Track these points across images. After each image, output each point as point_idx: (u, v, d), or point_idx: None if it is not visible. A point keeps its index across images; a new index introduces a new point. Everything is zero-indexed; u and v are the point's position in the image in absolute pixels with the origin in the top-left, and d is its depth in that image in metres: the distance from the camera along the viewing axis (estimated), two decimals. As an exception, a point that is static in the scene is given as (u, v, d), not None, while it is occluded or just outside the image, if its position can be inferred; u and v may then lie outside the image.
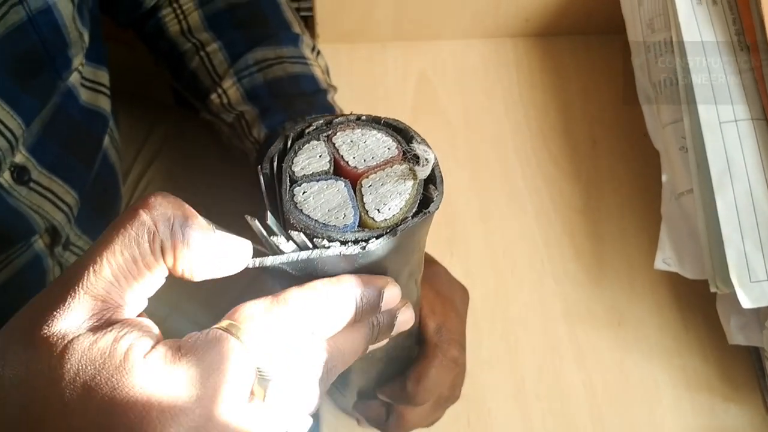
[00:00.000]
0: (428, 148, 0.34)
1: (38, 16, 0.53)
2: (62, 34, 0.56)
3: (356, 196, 0.34)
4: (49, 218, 0.61)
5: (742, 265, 0.59)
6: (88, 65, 0.64)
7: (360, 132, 0.36)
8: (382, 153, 0.35)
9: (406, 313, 0.38)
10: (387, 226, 0.33)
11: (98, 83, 0.67)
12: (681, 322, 0.70)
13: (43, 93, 0.58)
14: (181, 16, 0.68)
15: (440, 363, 0.54)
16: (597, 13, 0.83)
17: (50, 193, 0.61)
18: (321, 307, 0.33)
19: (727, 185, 0.60)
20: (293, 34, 0.69)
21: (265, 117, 0.65)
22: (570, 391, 0.67)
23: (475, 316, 0.69)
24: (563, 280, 0.72)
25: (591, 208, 0.76)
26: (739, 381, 0.68)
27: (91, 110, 0.66)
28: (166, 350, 0.29)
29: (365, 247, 0.33)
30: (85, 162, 0.66)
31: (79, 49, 0.59)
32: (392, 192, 0.34)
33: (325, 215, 0.33)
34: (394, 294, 0.35)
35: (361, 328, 0.36)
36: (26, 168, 0.59)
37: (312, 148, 0.35)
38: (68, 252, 0.66)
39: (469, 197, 0.76)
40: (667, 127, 0.66)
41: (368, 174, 0.35)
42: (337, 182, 0.34)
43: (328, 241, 0.33)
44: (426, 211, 0.34)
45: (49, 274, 0.66)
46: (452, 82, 0.84)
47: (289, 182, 0.34)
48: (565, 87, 0.84)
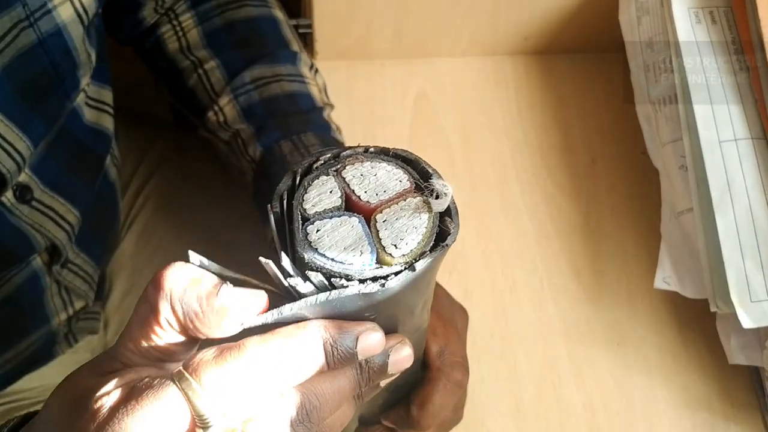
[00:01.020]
0: (445, 182, 0.34)
1: (49, 38, 0.53)
2: (72, 57, 0.56)
3: (371, 231, 0.33)
4: (51, 237, 0.61)
5: (742, 285, 0.59)
6: (93, 84, 0.64)
7: (369, 165, 0.35)
8: (393, 186, 0.34)
9: (401, 351, 0.37)
10: (405, 261, 0.33)
11: (102, 102, 0.67)
12: (681, 341, 0.70)
13: (51, 115, 0.57)
14: (180, 33, 0.68)
15: (444, 387, 0.53)
16: (596, 32, 0.83)
17: (52, 212, 0.61)
18: (280, 356, 0.32)
19: (728, 204, 0.60)
20: (291, 52, 0.69)
21: (261, 135, 0.64)
22: (569, 410, 0.66)
23: (473, 335, 0.68)
24: (562, 299, 0.72)
25: (590, 227, 0.76)
26: (740, 401, 0.67)
27: (94, 129, 0.65)
28: (118, 396, 0.31)
29: (384, 284, 0.32)
30: (87, 181, 0.66)
31: (87, 70, 0.59)
32: (408, 226, 0.33)
33: (341, 253, 0.32)
34: (373, 340, 0.34)
35: (344, 371, 0.35)
36: (29, 187, 0.58)
37: (322, 183, 0.34)
38: (66, 270, 0.66)
39: (468, 215, 0.76)
40: (667, 145, 0.66)
41: (381, 208, 0.34)
42: (351, 218, 0.33)
43: (346, 280, 0.32)
44: (444, 244, 0.33)
45: (47, 292, 0.65)
46: (451, 100, 0.84)
47: (301, 220, 0.33)
48: (564, 105, 0.84)
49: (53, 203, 0.61)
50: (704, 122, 0.62)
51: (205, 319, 0.32)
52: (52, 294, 0.66)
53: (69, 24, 0.54)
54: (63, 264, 0.65)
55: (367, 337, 0.34)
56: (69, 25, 0.54)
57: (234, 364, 0.31)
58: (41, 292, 0.64)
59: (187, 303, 0.32)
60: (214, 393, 0.31)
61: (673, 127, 0.66)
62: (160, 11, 0.69)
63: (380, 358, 0.36)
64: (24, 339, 0.65)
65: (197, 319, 0.32)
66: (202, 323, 0.32)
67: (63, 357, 0.71)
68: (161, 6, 0.68)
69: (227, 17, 0.68)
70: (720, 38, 0.65)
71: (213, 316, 0.32)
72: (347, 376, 0.35)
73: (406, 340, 0.37)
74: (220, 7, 0.68)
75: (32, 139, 0.55)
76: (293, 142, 0.63)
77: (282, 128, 0.64)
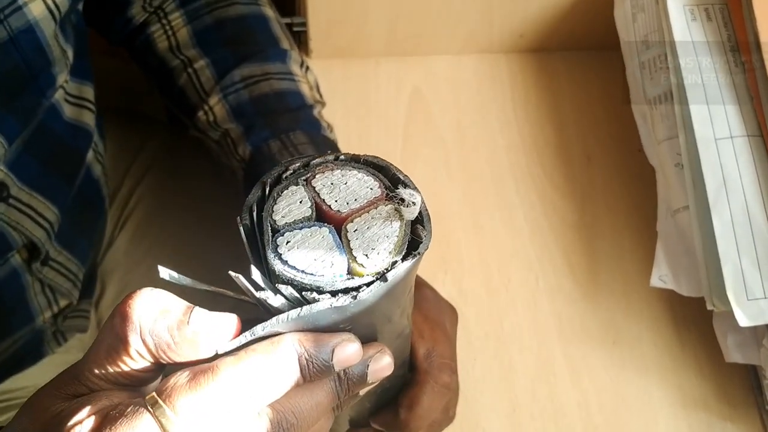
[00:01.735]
0: (414, 191, 0.33)
1: (20, 35, 0.52)
2: (45, 53, 0.56)
3: (342, 241, 0.33)
4: (28, 235, 0.61)
5: (738, 283, 0.58)
6: (72, 81, 0.63)
7: (340, 173, 0.34)
8: (364, 194, 0.34)
9: (381, 361, 0.36)
10: (377, 271, 0.32)
11: (83, 98, 0.66)
12: (677, 340, 0.69)
13: (26, 112, 0.57)
14: (170, 32, 0.68)
15: (431, 389, 0.53)
16: (591, 29, 0.83)
17: (30, 210, 0.60)
18: (255, 376, 0.31)
19: (724, 202, 0.60)
20: (281, 50, 0.68)
21: (250, 135, 0.64)
22: (565, 410, 0.66)
23: (468, 334, 0.68)
24: (558, 298, 0.71)
25: (586, 225, 0.75)
26: (736, 399, 0.67)
27: (75, 126, 0.65)
28: (91, 425, 0.31)
29: (356, 296, 0.31)
30: (66, 178, 0.65)
31: (63, 67, 0.59)
32: (379, 235, 0.32)
33: (311, 265, 0.32)
34: (350, 350, 0.34)
35: (322, 384, 0.35)
36: (5, 184, 0.58)
37: (291, 194, 0.34)
38: (47, 267, 0.65)
39: (463, 214, 0.76)
40: (663, 143, 0.66)
41: (352, 217, 0.33)
42: (321, 228, 0.33)
43: (318, 293, 0.31)
44: (416, 252, 0.32)
45: (29, 290, 0.64)
46: (446, 98, 0.83)
47: (271, 232, 0.33)
48: (560, 103, 0.83)
49: (31, 201, 0.60)
50: (700, 120, 0.62)
51: (178, 349, 0.32)
52: (35, 292, 0.65)
53: (41, 20, 0.54)
54: (44, 262, 0.64)
55: (343, 349, 0.33)
56: (41, 21, 0.54)
57: (208, 388, 0.30)
58: (22, 290, 0.64)
59: (158, 335, 0.31)
60: (189, 419, 0.30)
61: (668, 125, 0.65)
62: (148, 9, 0.68)
63: (359, 368, 0.36)
64: (8, 337, 0.64)
65: (170, 350, 0.31)
66: (175, 353, 0.32)
67: (53, 356, 0.71)
68: (149, 4, 0.68)
69: (216, 15, 0.68)
70: (716, 36, 0.64)
71: (185, 346, 0.32)
72: (324, 389, 0.35)
73: (385, 348, 0.37)
74: (209, 5, 0.68)
75: (6, 136, 0.54)
76: (282, 140, 0.63)
77: (271, 127, 0.64)
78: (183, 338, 0.31)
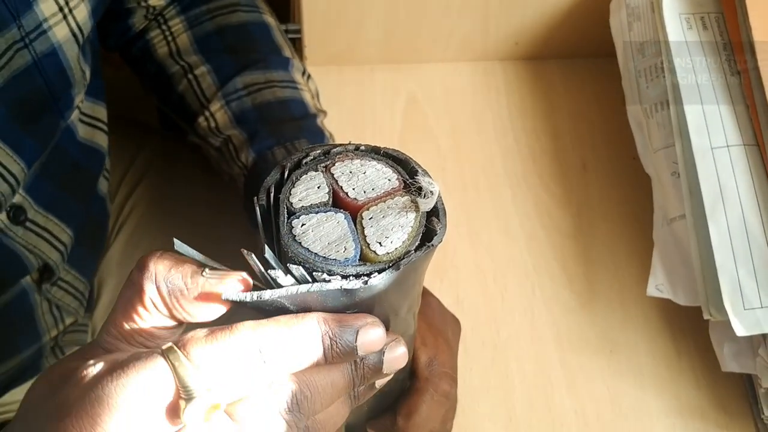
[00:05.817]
0: (432, 180, 0.34)
1: (44, 59, 0.52)
2: (67, 76, 0.55)
3: (357, 228, 0.33)
4: (44, 257, 0.60)
5: (735, 293, 0.58)
6: (86, 100, 0.63)
7: (359, 162, 0.35)
8: (382, 184, 0.35)
9: (396, 350, 0.36)
10: (389, 260, 0.33)
11: (96, 119, 0.66)
12: (674, 349, 0.69)
13: (45, 135, 0.57)
14: (170, 38, 0.68)
15: (431, 398, 0.52)
16: (587, 37, 0.83)
17: (46, 232, 0.60)
18: (273, 342, 0.32)
19: (720, 211, 0.60)
20: (283, 58, 0.68)
21: (254, 142, 0.64)
22: (562, 419, 0.66)
23: (465, 343, 0.68)
24: (554, 307, 0.71)
25: (582, 234, 0.75)
26: (733, 408, 0.67)
27: (88, 147, 0.65)
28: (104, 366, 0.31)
29: (367, 282, 0.32)
30: (80, 199, 0.65)
31: (81, 87, 0.59)
32: (394, 225, 0.33)
33: (324, 248, 0.33)
34: (374, 335, 0.34)
35: (340, 366, 0.35)
36: (23, 208, 0.57)
37: (310, 179, 0.35)
38: (55, 288, 0.65)
39: (459, 222, 0.76)
40: (659, 152, 0.66)
41: (368, 206, 0.34)
42: (337, 214, 0.34)
43: (329, 275, 0.32)
44: (429, 244, 0.33)
45: (37, 310, 0.64)
46: (441, 105, 0.83)
47: (287, 214, 0.34)
48: (555, 111, 0.83)
49: (47, 223, 0.60)
50: (696, 129, 0.62)
51: (190, 295, 0.32)
52: (43, 312, 0.65)
53: (64, 44, 0.54)
54: (53, 282, 0.64)
55: (367, 332, 0.34)
56: (64, 44, 0.54)
57: (224, 342, 0.31)
58: (31, 310, 0.63)
59: (172, 281, 0.32)
60: (201, 367, 0.30)
61: (665, 134, 0.65)
62: (149, 17, 0.68)
63: (375, 355, 0.36)
64: (15, 356, 0.64)
65: (182, 297, 0.32)
66: (187, 300, 0.32)
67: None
68: (151, 13, 0.67)
69: (218, 22, 0.68)
70: (712, 44, 0.65)
71: (198, 294, 0.32)
72: (341, 371, 0.35)
73: (400, 338, 0.37)
74: (210, 12, 0.68)
75: (26, 160, 0.54)
76: (287, 149, 0.63)
77: (275, 135, 0.64)
78: (196, 285, 0.32)
